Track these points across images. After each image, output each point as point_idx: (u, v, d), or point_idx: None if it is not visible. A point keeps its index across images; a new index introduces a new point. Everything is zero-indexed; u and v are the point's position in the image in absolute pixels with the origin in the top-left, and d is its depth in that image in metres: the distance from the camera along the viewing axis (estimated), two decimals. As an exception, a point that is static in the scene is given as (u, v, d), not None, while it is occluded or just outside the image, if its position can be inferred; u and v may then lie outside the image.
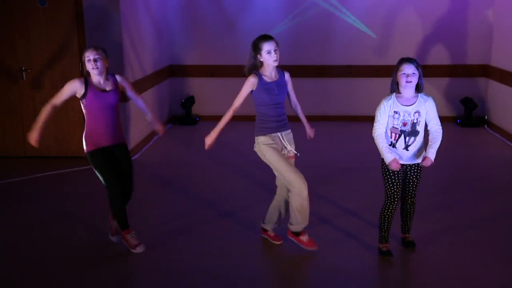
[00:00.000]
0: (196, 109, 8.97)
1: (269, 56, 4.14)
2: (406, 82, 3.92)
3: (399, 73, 3.94)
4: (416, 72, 3.93)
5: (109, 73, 4.33)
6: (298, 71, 8.72)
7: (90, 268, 4.18)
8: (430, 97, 4.07)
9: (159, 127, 4.55)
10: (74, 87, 4.24)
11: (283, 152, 4.29)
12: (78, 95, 4.25)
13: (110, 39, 6.57)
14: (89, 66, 4.21)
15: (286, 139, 4.30)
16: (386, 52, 8.59)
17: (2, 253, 4.43)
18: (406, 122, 3.99)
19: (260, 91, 4.19)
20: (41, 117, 4.22)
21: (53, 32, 6.63)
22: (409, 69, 3.91)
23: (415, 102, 4.00)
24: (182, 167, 6.62)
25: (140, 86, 7.11)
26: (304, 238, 4.37)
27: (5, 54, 6.72)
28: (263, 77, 4.21)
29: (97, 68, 4.20)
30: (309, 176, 6.21)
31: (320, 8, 8.57)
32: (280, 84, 4.26)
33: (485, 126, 8.48)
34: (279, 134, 4.28)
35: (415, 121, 3.99)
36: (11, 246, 4.56)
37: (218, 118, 4.34)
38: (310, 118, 8.77)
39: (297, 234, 4.37)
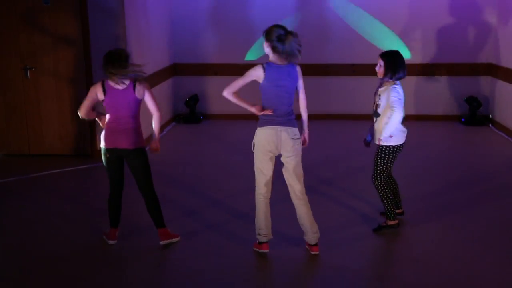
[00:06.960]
0: (200, 108, 8.97)
1: None
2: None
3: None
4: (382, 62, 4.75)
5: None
6: (302, 69, 8.69)
7: (94, 268, 4.19)
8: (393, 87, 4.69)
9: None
10: None
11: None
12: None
13: (114, 38, 6.57)
14: None
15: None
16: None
17: (7, 252, 4.45)
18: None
19: None
20: None
21: (57, 30, 6.63)
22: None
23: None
24: (186, 166, 6.62)
25: (144, 84, 7.11)
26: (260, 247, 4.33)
27: (10, 52, 6.73)
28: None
29: None
30: (312, 175, 6.26)
31: (325, 6, 8.55)
32: None
33: (490, 125, 8.45)
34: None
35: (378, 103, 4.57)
36: (15, 244, 4.57)
37: (222, 116, 4.36)
38: (314, 117, 8.85)
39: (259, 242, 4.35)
